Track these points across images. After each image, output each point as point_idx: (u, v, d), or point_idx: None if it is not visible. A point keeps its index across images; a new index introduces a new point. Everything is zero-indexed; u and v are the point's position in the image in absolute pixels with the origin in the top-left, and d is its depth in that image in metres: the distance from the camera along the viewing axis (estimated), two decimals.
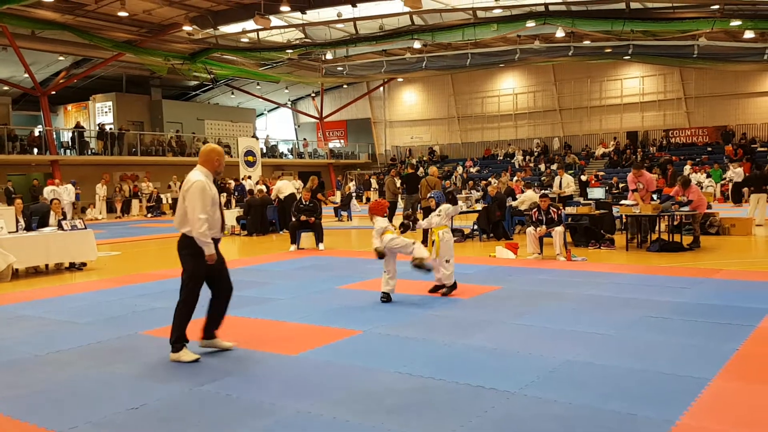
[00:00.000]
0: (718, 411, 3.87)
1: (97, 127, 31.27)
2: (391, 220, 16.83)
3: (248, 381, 4.66)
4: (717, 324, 5.92)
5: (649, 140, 34.79)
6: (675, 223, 12.28)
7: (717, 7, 19.74)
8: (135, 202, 28.55)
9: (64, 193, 22.59)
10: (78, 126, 30.72)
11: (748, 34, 22.73)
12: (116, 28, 24.28)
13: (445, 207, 7.95)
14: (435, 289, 7.76)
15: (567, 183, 15.81)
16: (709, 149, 31.86)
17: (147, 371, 4.97)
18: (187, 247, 5.22)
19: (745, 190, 23.13)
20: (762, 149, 30.24)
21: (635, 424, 3.69)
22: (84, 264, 11.16)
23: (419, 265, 7.11)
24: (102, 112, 34.89)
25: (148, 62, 28.20)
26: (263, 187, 19.74)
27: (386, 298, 7.37)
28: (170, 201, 30.12)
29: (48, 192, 21.66)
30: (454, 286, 7.68)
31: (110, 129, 31.20)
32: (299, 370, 4.90)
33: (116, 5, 21.41)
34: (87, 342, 5.90)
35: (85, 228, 11.19)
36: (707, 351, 5.08)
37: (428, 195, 9.11)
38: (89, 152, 29.38)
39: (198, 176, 5.22)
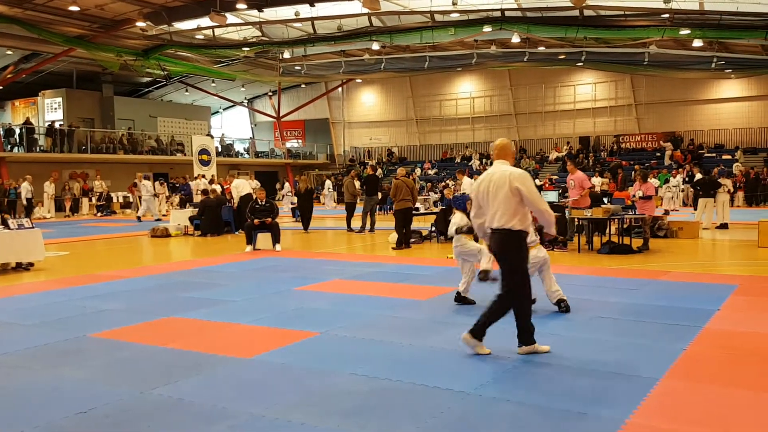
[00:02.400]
0: (666, 410, 3.97)
1: (46, 125, 30.39)
2: (349, 222, 16.98)
3: (201, 385, 4.58)
4: (665, 324, 6.08)
5: (601, 145, 35.59)
6: (625, 226, 12.59)
7: (667, 15, 20.29)
8: (85, 201, 27.81)
9: (143, 188, 22.24)
10: (27, 122, 29.78)
11: (697, 43, 23.44)
12: (67, 22, 23.61)
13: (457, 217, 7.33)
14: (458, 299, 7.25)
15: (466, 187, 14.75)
16: (658, 154, 32.78)
17: (96, 374, 4.84)
18: (517, 240, 5.09)
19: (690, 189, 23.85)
20: (709, 155, 31.25)
21: (586, 424, 3.76)
22: (31, 264, 10.81)
23: (484, 278, 6.60)
24: (51, 109, 33.91)
25: (100, 58, 27.50)
26: (217, 187, 19.46)
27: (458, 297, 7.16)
28: (121, 200, 29.45)
29: (24, 188, 21.22)
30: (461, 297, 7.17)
31: (60, 125, 30.33)
32: (253, 373, 4.84)
33: None
34: (34, 344, 5.72)
35: (33, 227, 10.85)
36: (656, 351, 5.21)
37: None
38: (38, 149, 28.52)
39: (514, 168, 5.16)
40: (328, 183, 32.08)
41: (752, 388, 4.32)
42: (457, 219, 7.27)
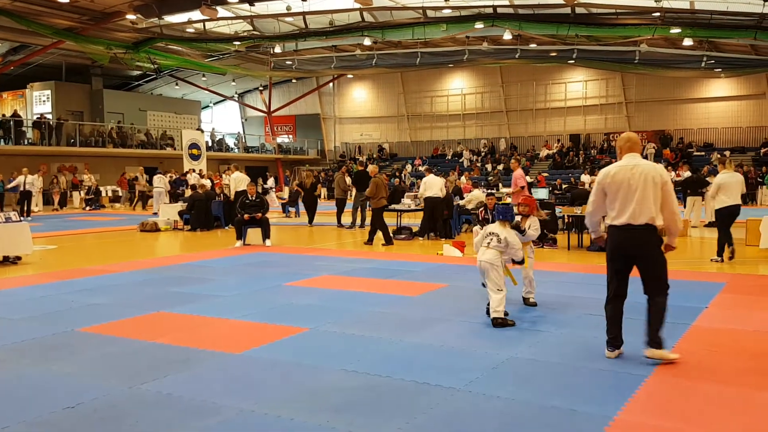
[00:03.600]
0: (653, 406, 4.00)
1: (34, 117, 30.13)
2: (339, 218, 16.95)
3: (190, 380, 4.56)
4: None
5: (591, 143, 35.73)
6: None
7: (658, 14, 20.39)
8: (76, 194, 27.63)
9: (158, 181, 22.02)
10: (15, 114, 29.52)
11: (687, 42, 23.56)
12: (56, 14, 23.40)
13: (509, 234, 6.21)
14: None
15: (426, 185, 13.91)
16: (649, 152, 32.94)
17: (84, 369, 4.81)
18: (659, 237, 4.83)
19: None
20: (698, 153, 31.44)
21: (575, 420, 3.78)
22: (19, 258, 10.73)
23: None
24: (40, 101, 33.63)
25: (90, 50, 27.30)
26: (207, 182, 19.38)
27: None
28: (110, 194, 29.26)
29: (20, 181, 20.99)
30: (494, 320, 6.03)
31: (48, 119, 30.07)
32: (243, 368, 4.83)
33: None
34: (21, 339, 5.67)
35: (20, 220, 10.76)
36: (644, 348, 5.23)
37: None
38: (26, 142, 28.28)
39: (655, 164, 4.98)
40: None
41: (739, 385, 4.35)
42: (510, 234, 6.17)
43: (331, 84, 42.28)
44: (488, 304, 6.14)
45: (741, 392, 4.22)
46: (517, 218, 6.86)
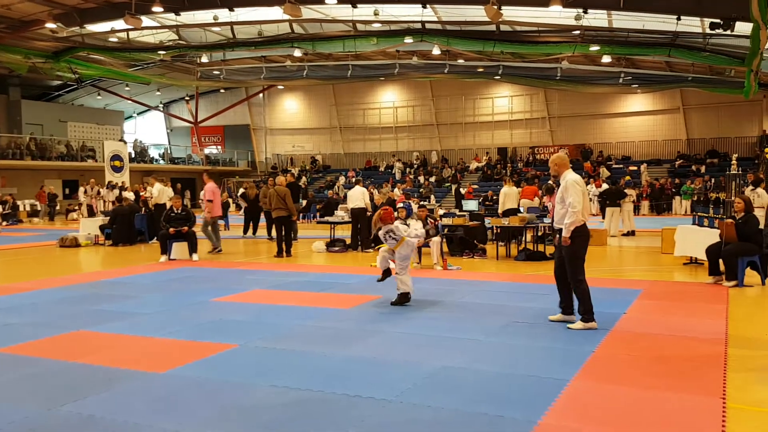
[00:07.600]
0: (575, 410, 4.14)
1: None
2: (269, 231, 16.75)
3: (111, 400, 4.40)
4: (576, 328, 6.32)
5: (518, 156, 36.75)
6: (539, 234, 13.04)
7: (578, 32, 21.20)
8: None
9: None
10: None
11: (606, 59, 24.61)
12: None
13: (414, 224, 8.14)
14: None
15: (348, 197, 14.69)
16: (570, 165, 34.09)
17: (1, 392, 4.58)
18: None
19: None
20: (617, 166, 32.81)
21: (501, 426, 3.87)
22: None
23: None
24: None
25: (6, 60, 26.05)
26: (131, 195, 18.79)
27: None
28: (28, 208, 27.97)
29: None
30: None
31: None
32: (167, 387, 4.70)
33: None
34: None
35: None
36: (567, 354, 5.42)
37: (399, 205, 9.21)
38: None
39: None
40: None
41: (655, 388, 4.56)
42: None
43: (261, 94, 41.88)
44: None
45: (656, 395, 4.42)
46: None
